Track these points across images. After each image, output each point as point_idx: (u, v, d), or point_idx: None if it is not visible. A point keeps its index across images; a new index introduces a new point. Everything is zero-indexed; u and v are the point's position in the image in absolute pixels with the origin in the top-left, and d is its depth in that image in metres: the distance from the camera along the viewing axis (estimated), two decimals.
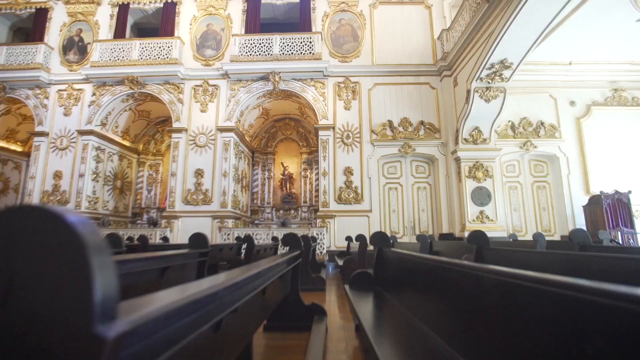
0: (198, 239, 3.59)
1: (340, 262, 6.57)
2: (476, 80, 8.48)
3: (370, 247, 5.42)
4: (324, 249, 9.08)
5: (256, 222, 11.99)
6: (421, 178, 10.14)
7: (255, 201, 12.16)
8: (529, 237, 9.67)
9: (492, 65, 8.11)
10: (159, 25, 11.75)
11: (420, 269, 2.03)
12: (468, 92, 8.76)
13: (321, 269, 7.18)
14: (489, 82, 8.50)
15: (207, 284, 0.96)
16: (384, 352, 1.48)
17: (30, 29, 12.14)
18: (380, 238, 3.36)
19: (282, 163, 12.73)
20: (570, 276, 0.82)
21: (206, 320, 0.88)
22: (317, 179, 12.08)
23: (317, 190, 12.14)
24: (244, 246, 5.60)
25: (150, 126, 12.85)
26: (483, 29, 7.94)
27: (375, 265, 3.31)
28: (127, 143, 12.08)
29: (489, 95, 8.64)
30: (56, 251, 0.47)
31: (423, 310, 1.93)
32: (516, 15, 6.72)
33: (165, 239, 9.14)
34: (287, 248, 3.77)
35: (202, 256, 3.49)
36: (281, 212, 12.28)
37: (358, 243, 5.94)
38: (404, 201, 9.95)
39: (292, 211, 12.27)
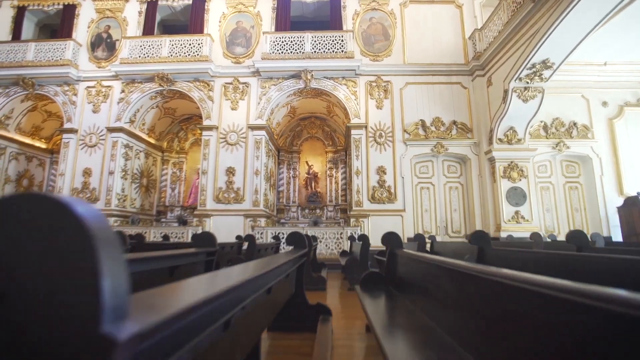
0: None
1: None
2: (515, 80, 8.45)
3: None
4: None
5: (282, 221, 11.94)
6: (453, 178, 10.11)
7: (281, 200, 12.12)
8: (562, 238, 9.67)
9: (533, 65, 8.07)
10: (186, 22, 11.72)
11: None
12: (505, 92, 8.73)
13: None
14: (527, 82, 8.47)
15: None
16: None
17: (57, 25, 12.09)
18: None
19: (306, 162, 12.68)
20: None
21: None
22: (344, 178, 12.05)
23: (343, 190, 12.12)
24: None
25: (175, 124, 12.79)
26: (525, 28, 7.90)
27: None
28: (152, 141, 12.02)
29: (527, 95, 8.61)
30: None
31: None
32: (566, 15, 6.68)
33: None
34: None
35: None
36: (306, 211, 12.23)
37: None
38: (436, 201, 9.92)
39: (318, 210, 12.22)
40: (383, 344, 1.52)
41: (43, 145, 12.60)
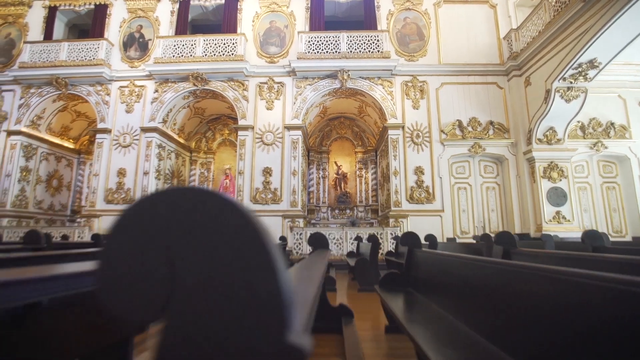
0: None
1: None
2: (559, 80, 8.42)
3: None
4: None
5: (312, 221, 11.89)
6: (490, 178, 10.08)
7: (311, 200, 12.07)
8: None
9: (579, 65, 8.04)
10: (217, 22, 11.70)
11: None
12: (548, 92, 8.70)
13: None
14: (571, 82, 8.44)
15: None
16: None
17: (86, 25, 12.07)
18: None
19: (335, 162, 12.64)
20: None
21: None
22: (374, 179, 12.02)
23: (374, 190, 12.08)
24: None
25: (203, 124, 12.74)
26: (572, 27, 7.87)
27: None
28: (182, 141, 11.97)
29: (570, 95, 8.59)
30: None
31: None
32: (622, 15, 6.66)
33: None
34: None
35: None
36: (336, 211, 12.19)
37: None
38: (474, 201, 9.88)
39: (348, 211, 12.18)
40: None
41: (71, 146, 12.54)
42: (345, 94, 10.67)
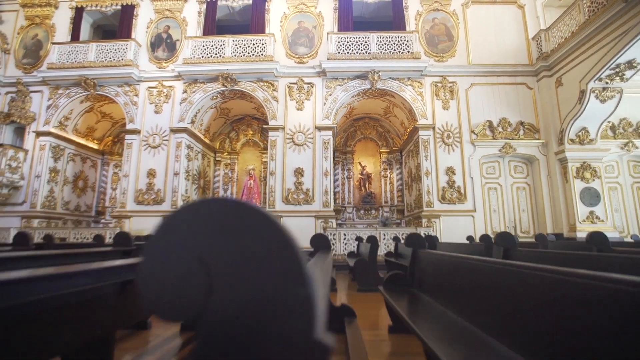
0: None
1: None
2: (594, 80, 8.43)
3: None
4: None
5: (339, 222, 11.89)
6: (520, 178, 10.09)
7: (337, 201, 12.07)
8: (629, 239, 9.67)
9: (617, 66, 8.06)
10: (243, 22, 11.72)
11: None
12: (582, 92, 8.71)
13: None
14: (607, 83, 8.46)
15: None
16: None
17: (111, 26, 12.07)
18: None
19: (359, 162, 12.64)
20: None
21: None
22: (400, 179, 12.03)
23: (399, 190, 12.09)
24: None
25: (227, 124, 12.74)
26: (610, 28, 7.88)
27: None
28: (207, 141, 11.96)
29: (606, 96, 8.60)
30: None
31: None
32: None
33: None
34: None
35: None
36: (362, 211, 12.19)
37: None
38: (504, 201, 9.90)
39: (373, 211, 12.18)
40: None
41: (95, 146, 12.53)
42: (374, 94, 10.68)
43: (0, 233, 9.71)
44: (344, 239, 9.18)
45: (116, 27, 11.92)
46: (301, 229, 9.43)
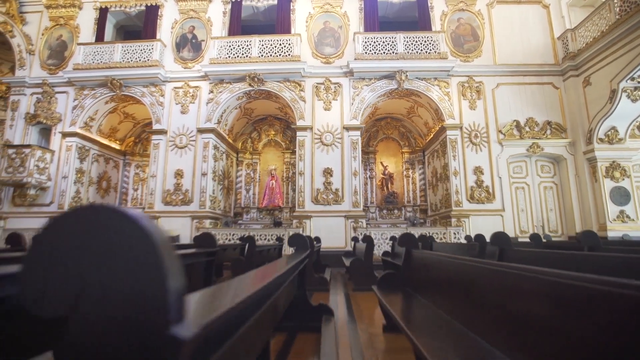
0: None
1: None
2: (626, 80, 8.46)
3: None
4: None
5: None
6: (547, 178, 10.13)
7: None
8: None
9: None
10: (267, 22, 11.74)
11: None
12: (614, 92, 8.74)
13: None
14: (639, 82, 8.49)
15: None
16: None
17: (134, 27, 12.07)
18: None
19: (381, 162, 12.66)
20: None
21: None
22: (423, 179, 12.05)
23: (422, 190, 12.11)
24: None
25: (249, 124, 12.74)
26: None
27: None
28: (230, 141, 11.97)
29: (637, 95, 8.63)
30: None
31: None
32: None
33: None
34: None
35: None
36: (384, 211, 12.21)
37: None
38: (532, 201, 9.93)
39: (396, 211, 12.20)
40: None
41: (117, 147, 12.53)
42: (399, 94, 10.70)
43: (29, 234, 9.70)
44: (376, 239, 9.19)
45: (139, 27, 11.93)
46: (331, 229, 9.48)
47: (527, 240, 9.09)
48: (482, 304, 1.62)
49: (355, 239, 8.56)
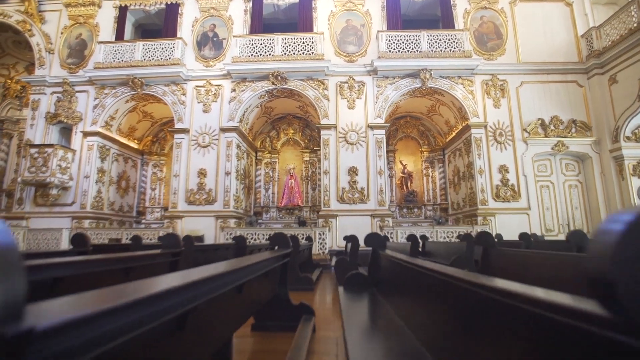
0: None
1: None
2: None
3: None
4: None
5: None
6: (571, 176, 10.10)
7: None
8: None
9: None
10: (287, 20, 11.68)
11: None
12: None
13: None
14: None
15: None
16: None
17: (152, 25, 12.02)
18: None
19: (400, 161, 12.62)
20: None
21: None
22: (443, 177, 12.02)
23: (442, 189, 12.08)
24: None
25: (268, 123, 12.69)
26: None
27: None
28: (250, 140, 11.91)
29: None
30: None
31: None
32: None
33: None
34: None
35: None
36: (404, 210, 12.17)
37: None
38: (557, 199, 9.91)
39: (416, 210, 12.17)
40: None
41: (135, 146, 12.46)
42: (422, 93, 10.66)
43: (52, 233, 9.65)
44: (402, 237, 9.17)
45: (157, 26, 11.86)
46: (358, 229, 9.37)
47: (553, 238, 9.10)
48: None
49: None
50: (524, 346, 0.76)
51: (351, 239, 5.73)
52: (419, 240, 6.18)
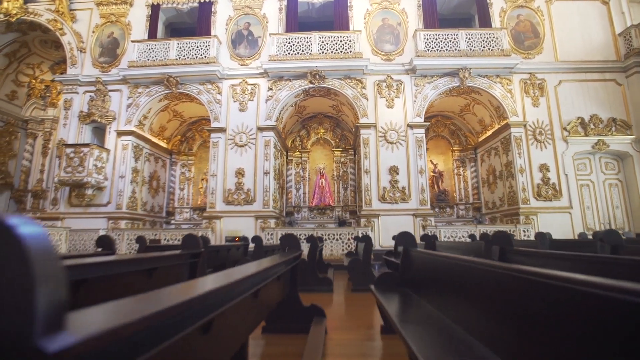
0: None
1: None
2: None
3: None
4: None
5: None
6: (611, 175, 10.08)
7: None
8: None
9: None
10: (319, 19, 11.60)
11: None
12: None
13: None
14: None
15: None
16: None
17: (183, 24, 11.95)
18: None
19: (431, 160, 12.56)
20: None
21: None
22: (475, 177, 11.97)
23: (475, 188, 12.03)
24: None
25: (298, 122, 12.60)
26: None
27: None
28: (283, 139, 11.82)
29: None
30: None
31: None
32: None
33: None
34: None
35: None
36: (436, 209, 12.11)
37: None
38: (597, 198, 9.88)
39: (448, 209, 12.12)
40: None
41: (165, 146, 12.34)
42: (458, 92, 10.60)
43: (88, 234, 9.51)
44: (444, 237, 9.11)
45: (188, 25, 11.77)
46: (400, 228, 9.30)
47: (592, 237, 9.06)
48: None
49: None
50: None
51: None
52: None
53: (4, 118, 12.84)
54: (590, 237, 8.70)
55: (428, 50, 10.06)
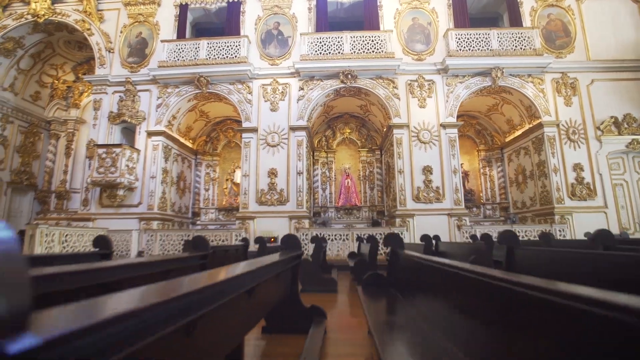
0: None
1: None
2: None
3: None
4: None
5: None
6: None
7: None
8: None
9: None
10: (348, 18, 11.58)
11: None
12: None
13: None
14: None
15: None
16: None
17: (210, 24, 11.93)
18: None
19: None
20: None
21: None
22: (502, 176, 11.95)
23: (502, 188, 12.01)
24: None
25: (324, 122, 12.57)
26: None
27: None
28: (312, 139, 11.78)
29: None
30: None
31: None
32: None
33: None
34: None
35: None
36: None
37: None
38: (631, 197, 9.85)
39: (475, 209, 12.09)
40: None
41: (190, 146, 12.29)
42: (489, 91, 10.57)
43: (121, 235, 9.46)
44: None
45: (216, 25, 11.74)
46: (434, 228, 9.28)
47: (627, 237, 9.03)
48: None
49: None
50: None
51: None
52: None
53: (28, 119, 12.79)
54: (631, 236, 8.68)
55: (460, 49, 10.04)
